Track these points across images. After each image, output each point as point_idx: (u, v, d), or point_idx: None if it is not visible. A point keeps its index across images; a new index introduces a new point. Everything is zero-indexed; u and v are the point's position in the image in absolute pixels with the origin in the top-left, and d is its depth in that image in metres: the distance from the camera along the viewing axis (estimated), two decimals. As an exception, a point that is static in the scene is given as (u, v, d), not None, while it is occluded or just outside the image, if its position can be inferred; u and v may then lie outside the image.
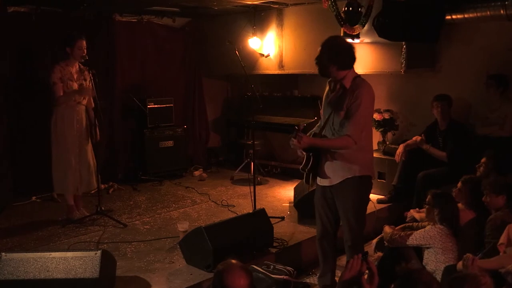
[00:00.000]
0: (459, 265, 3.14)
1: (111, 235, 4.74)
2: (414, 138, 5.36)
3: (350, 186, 3.51)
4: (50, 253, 3.41)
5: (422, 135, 5.34)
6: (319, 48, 3.46)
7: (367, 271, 2.31)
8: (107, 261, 3.48)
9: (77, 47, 4.88)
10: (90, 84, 5.00)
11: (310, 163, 3.53)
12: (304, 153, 3.55)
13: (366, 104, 3.43)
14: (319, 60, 3.45)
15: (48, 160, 5.10)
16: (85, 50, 4.92)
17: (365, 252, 2.35)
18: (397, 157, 5.37)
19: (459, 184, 4.05)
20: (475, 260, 3.00)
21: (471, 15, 5.12)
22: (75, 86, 4.96)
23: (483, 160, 4.51)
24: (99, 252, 3.40)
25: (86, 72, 5.02)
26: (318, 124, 3.74)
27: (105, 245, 4.45)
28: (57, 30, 5.79)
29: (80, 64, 5.04)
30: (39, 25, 5.85)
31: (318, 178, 3.64)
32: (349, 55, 3.45)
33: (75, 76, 4.98)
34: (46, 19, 5.92)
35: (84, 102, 5.10)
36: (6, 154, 5.60)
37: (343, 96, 3.44)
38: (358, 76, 3.51)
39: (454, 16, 5.25)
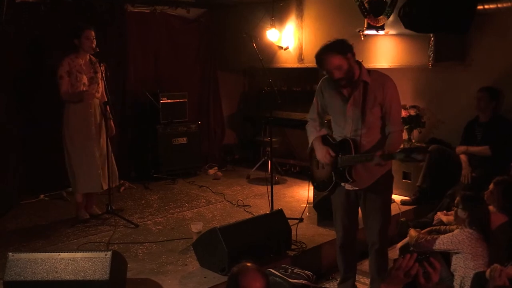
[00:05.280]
0: (488, 272, 3.10)
1: (122, 236, 4.78)
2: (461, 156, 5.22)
3: (382, 183, 3.52)
4: (59, 253, 3.44)
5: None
6: (345, 57, 3.37)
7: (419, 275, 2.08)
8: (118, 263, 3.50)
9: (85, 37, 4.90)
10: (102, 77, 5.04)
11: (346, 175, 3.44)
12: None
13: (398, 95, 3.47)
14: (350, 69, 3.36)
15: (59, 157, 5.13)
16: (94, 41, 4.95)
17: (423, 253, 2.14)
18: (466, 179, 5.11)
19: (491, 186, 3.99)
20: (504, 272, 2.94)
21: (505, 4, 5.03)
22: (85, 79, 4.98)
23: None
24: (109, 253, 3.41)
25: (97, 65, 5.06)
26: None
27: (115, 245, 4.49)
28: (66, 21, 5.84)
29: (91, 56, 5.06)
30: (48, 15, 5.91)
31: (345, 183, 3.56)
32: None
33: (84, 69, 5.00)
34: (55, 10, 5.98)
35: (98, 95, 5.13)
36: (16, 150, 5.67)
37: (367, 92, 3.40)
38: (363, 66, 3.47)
39: (486, 6, 5.16)
